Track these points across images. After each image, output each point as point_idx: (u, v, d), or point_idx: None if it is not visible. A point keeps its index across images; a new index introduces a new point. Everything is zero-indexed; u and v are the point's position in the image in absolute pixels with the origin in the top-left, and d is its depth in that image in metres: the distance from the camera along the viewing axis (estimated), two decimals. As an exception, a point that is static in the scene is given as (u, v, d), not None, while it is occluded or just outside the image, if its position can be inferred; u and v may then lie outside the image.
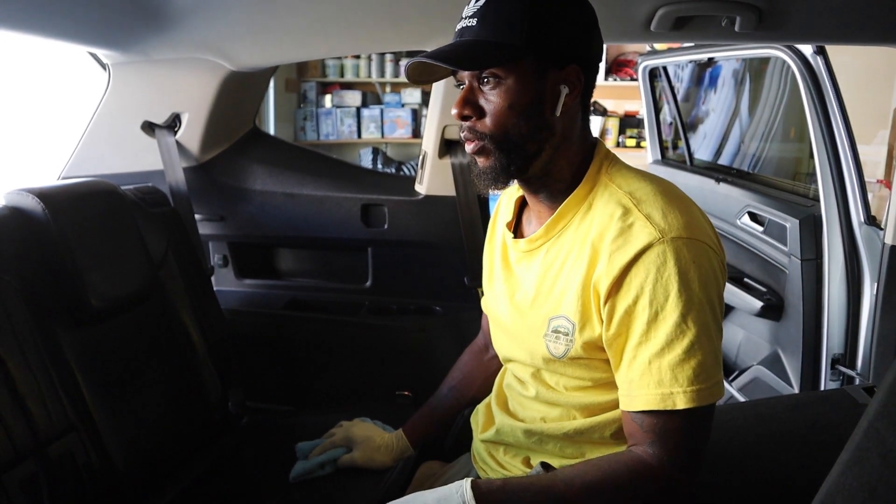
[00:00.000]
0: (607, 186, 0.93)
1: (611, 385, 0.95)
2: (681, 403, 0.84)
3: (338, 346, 1.86)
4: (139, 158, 1.76)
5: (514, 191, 1.13)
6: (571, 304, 0.91)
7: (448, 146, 1.73)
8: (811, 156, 3.18)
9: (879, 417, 0.58)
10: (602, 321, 0.89)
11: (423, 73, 0.94)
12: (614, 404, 0.95)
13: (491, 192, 0.97)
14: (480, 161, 0.93)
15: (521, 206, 1.08)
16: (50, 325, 1.23)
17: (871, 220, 1.87)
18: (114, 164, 1.75)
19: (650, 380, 0.85)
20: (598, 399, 0.96)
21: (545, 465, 0.93)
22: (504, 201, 1.14)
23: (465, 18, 0.90)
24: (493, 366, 1.27)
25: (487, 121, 0.90)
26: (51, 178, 1.81)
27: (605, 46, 1.02)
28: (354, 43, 1.70)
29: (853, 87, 1.98)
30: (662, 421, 0.86)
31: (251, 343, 1.83)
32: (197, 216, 1.77)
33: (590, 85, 0.94)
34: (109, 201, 1.42)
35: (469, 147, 0.93)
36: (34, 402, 1.14)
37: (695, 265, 0.85)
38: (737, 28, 1.31)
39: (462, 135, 0.93)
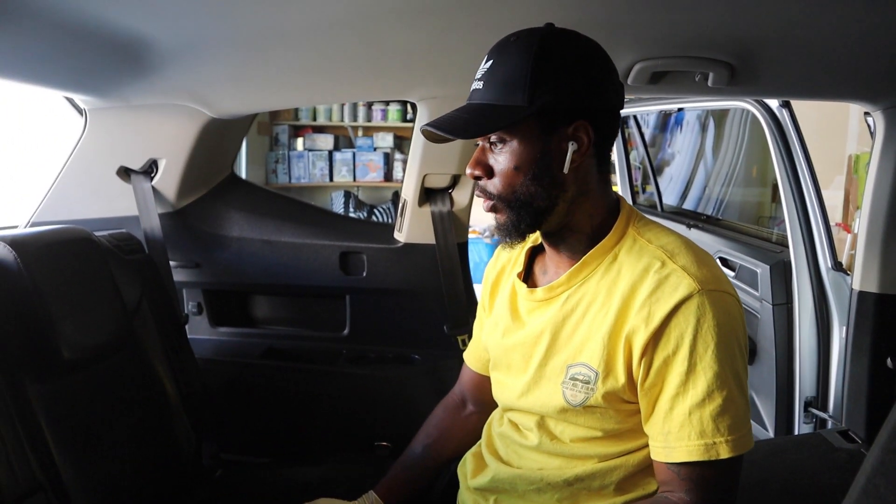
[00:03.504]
0: (636, 240, 0.95)
1: (619, 436, 0.95)
2: (724, 453, 0.85)
3: (315, 396, 1.82)
4: (113, 204, 1.72)
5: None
6: (595, 353, 0.91)
7: (428, 194, 1.74)
8: (773, 200, 3.29)
9: (877, 475, 0.58)
10: (629, 372, 0.90)
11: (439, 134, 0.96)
12: (618, 454, 0.95)
13: (508, 246, 0.99)
14: (496, 217, 0.95)
15: (531, 255, 1.09)
16: (18, 377, 1.18)
17: (838, 266, 1.93)
18: (87, 210, 1.71)
19: (691, 431, 0.86)
20: (603, 450, 0.96)
21: None
22: (501, 259, 1.15)
23: (476, 80, 0.92)
24: (472, 422, 1.25)
25: (497, 180, 0.92)
26: (19, 222, 1.76)
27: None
28: (337, 92, 1.71)
29: (812, 136, 2.07)
30: (702, 470, 0.87)
31: (226, 393, 1.78)
32: (171, 263, 1.74)
33: (605, 137, 0.94)
34: (83, 248, 1.39)
35: (483, 205, 0.95)
36: (-1, 460, 1.09)
37: (730, 317, 0.87)
38: (710, 83, 1.36)
39: (476, 193, 0.96)
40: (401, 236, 1.80)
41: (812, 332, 1.94)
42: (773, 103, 1.99)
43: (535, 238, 1.09)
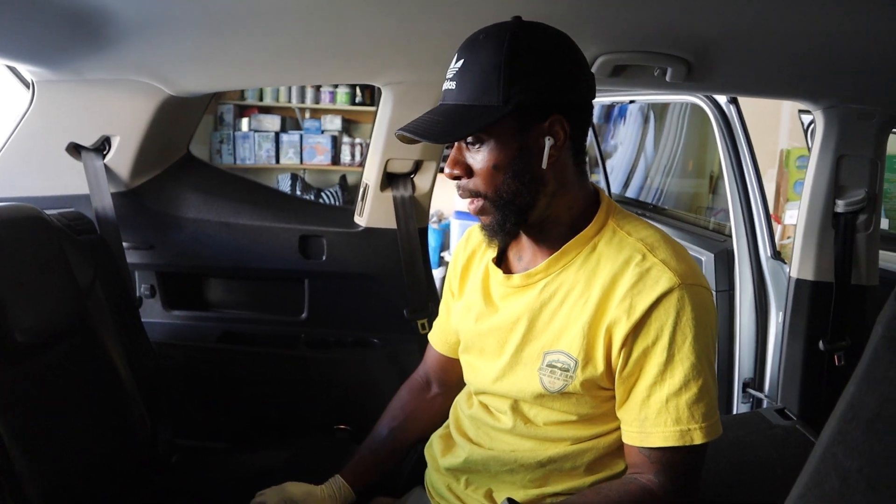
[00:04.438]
0: (616, 232, 0.96)
1: (592, 420, 0.98)
2: (698, 439, 0.89)
3: (274, 380, 1.81)
4: (62, 182, 1.65)
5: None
6: (575, 341, 0.93)
7: (390, 179, 1.75)
8: (710, 191, 3.42)
9: (835, 443, 0.64)
10: (608, 361, 0.93)
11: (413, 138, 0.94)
12: (591, 437, 0.99)
13: (495, 245, 0.99)
14: (482, 219, 0.95)
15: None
16: (-31, 363, 1.14)
17: (777, 255, 2.05)
18: (33, 187, 1.64)
19: (667, 417, 0.89)
20: (576, 433, 0.99)
21: (511, 501, 0.94)
22: (471, 243, 1.15)
23: (448, 80, 0.91)
24: (437, 404, 1.26)
25: (477, 180, 0.92)
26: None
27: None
28: (303, 73, 1.69)
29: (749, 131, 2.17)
30: (672, 454, 0.91)
31: (181, 377, 1.75)
32: (124, 244, 1.69)
33: (580, 129, 0.95)
34: (34, 227, 1.34)
35: (469, 207, 0.95)
36: (-50, 450, 1.04)
37: (706, 310, 0.91)
38: (668, 78, 1.41)
39: (458, 193, 0.95)
40: (361, 220, 1.80)
41: (751, 317, 2.05)
42: (722, 99, 2.08)
43: None
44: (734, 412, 2.11)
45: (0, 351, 1.18)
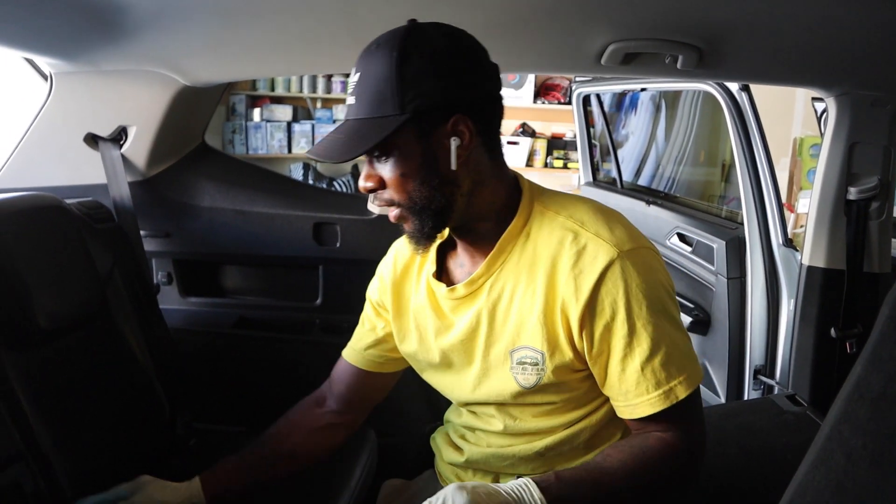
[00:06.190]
0: (543, 214, 0.96)
1: (577, 401, 0.99)
2: (682, 393, 0.90)
3: (288, 365, 1.84)
4: (80, 171, 1.68)
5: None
6: (536, 334, 0.93)
7: (402, 166, 1.76)
8: (722, 180, 3.41)
9: (841, 421, 0.65)
10: (572, 345, 0.93)
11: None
12: (581, 417, 1.00)
13: (422, 251, 0.98)
14: (404, 226, 0.94)
15: (440, 252, 1.07)
16: (-5, 347, 1.17)
17: (789, 243, 2.04)
18: (52, 177, 1.67)
19: (647, 384, 0.90)
20: (565, 419, 1.00)
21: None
22: (401, 258, 1.12)
23: (349, 95, 0.90)
24: (325, 420, 1.20)
25: (390, 190, 0.91)
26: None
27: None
28: (316, 63, 1.70)
29: (761, 119, 2.16)
30: (667, 414, 0.91)
31: (198, 362, 1.78)
32: (141, 232, 1.72)
33: (488, 123, 0.93)
34: (55, 216, 1.37)
35: (391, 215, 0.94)
36: (-22, 431, 1.08)
37: (652, 269, 0.91)
38: (679, 66, 1.41)
39: (375, 204, 0.95)
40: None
41: (763, 304, 2.05)
42: (734, 86, 2.07)
43: (441, 234, 1.06)
44: (745, 398, 2.12)
45: (24, 335, 1.21)
